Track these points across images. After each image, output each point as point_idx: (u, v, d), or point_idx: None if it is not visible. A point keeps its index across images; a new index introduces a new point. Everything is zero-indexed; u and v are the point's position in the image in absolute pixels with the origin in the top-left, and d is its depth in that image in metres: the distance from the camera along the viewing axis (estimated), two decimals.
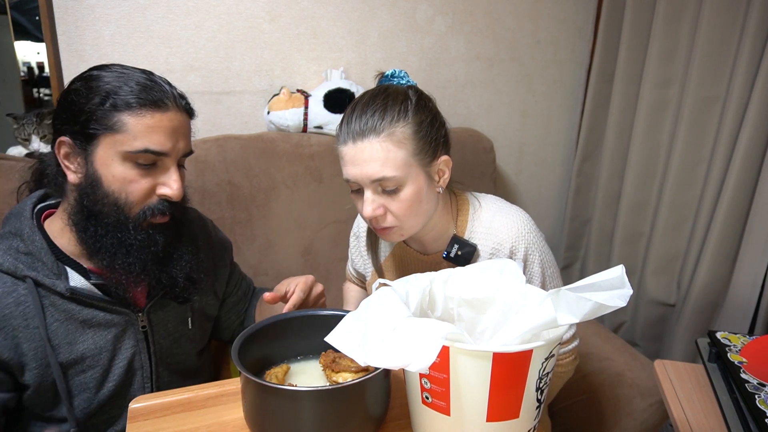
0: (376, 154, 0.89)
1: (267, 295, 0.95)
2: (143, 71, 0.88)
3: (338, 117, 1.62)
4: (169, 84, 0.90)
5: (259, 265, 1.56)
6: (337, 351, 0.73)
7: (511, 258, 1.00)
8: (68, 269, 0.89)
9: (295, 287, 0.97)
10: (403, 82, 1.00)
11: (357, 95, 1.64)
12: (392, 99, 0.92)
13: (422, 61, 1.87)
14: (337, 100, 1.63)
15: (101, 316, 0.91)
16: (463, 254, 1.00)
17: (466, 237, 1.03)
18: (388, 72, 1.00)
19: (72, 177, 0.87)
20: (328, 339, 0.68)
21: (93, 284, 0.90)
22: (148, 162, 0.85)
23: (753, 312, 1.54)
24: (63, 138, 0.86)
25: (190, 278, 0.97)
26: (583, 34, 2.06)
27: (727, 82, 1.60)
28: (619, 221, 1.94)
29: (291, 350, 0.89)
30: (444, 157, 0.97)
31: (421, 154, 0.92)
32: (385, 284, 0.77)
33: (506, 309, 0.79)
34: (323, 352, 0.86)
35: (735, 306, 1.58)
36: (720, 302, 1.64)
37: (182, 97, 0.91)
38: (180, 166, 0.91)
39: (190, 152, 0.93)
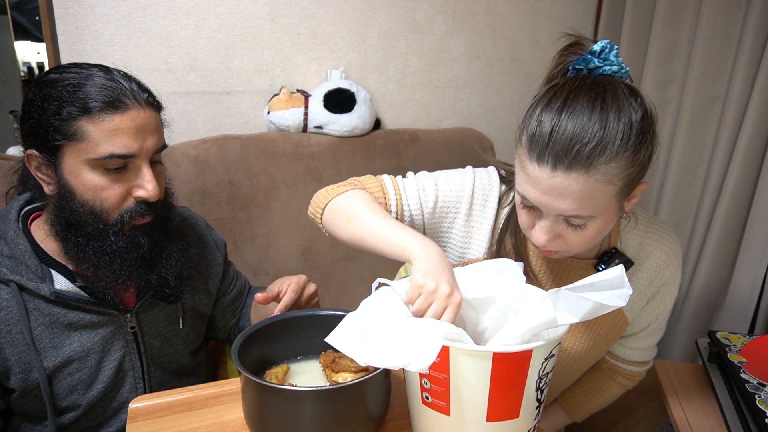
0: (578, 193, 0.72)
1: (259, 295, 0.94)
2: (100, 68, 0.84)
3: (338, 117, 1.63)
4: (128, 78, 0.85)
5: (259, 265, 1.56)
6: (337, 351, 0.73)
7: (662, 286, 0.94)
8: (53, 272, 0.88)
9: (287, 287, 0.97)
10: (615, 68, 0.77)
11: (357, 95, 1.65)
12: (614, 116, 0.71)
13: (422, 61, 1.87)
14: (337, 100, 1.63)
15: (88, 318, 0.91)
16: None
17: (619, 248, 0.92)
18: (597, 46, 0.76)
19: (46, 189, 0.86)
20: (328, 339, 0.68)
21: (79, 286, 0.89)
22: (117, 166, 0.83)
23: (753, 312, 1.54)
24: (30, 151, 0.84)
25: (181, 276, 0.96)
26: (583, 34, 2.05)
27: (727, 82, 1.60)
28: None
29: (291, 350, 0.88)
30: (643, 185, 0.80)
31: (626, 190, 0.76)
32: (385, 284, 0.77)
33: (506, 309, 0.79)
34: (323, 352, 0.86)
35: (735, 306, 1.57)
36: (720, 302, 1.64)
37: (144, 90, 0.86)
38: (155, 163, 0.89)
39: (164, 146, 0.90)
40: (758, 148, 1.51)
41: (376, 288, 0.75)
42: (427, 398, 0.70)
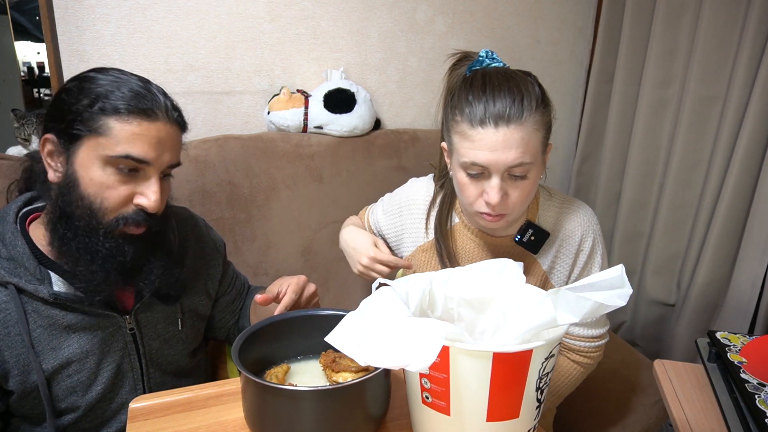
0: (520, 140, 0.88)
1: (259, 297, 0.94)
2: (141, 79, 0.87)
3: (338, 117, 1.63)
4: (165, 95, 0.88)
5: (259, 265, 1.56)
6: (337, 351, 0.73)
7: (579, 247, 1.06)
8: (52, 274, 0.88)
9: (287, 288, 0.97)
10: (501, 64, 0.98)
11: (357, 95, 1.65)
12: (523, 84, 0.91)
13: (422, 61, 1.87)
14: (337, 100, 1.63)
15: (87, 320, 0.90)
16: (537, 240, 1.04)
17: (536, 223, 1.05)
18: (482, 53, 0.97)
19: (51, 175, 0.86)
20: (328, 339, 0.68)
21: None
22: (129, 167, 0.84)
23: (753, 312, 1.54)
24: (48, 135, 0.85)
25: (158, 293, 0.95)
26: (583, 34, 2.06)
27: (727, 82, 1.60)
28: (619, 221, 1.94)
29: (291, 350, 0.89)
30: (550, 145, 0.98)
31: (545, 141, 0.94)
32: (384, 284, 0.77)
33: (506, 309, 0.79)
34: (323, 352, 0.86)
35: (735, 306, 1.57)
36: (720, 302, 1.64)
37: (176, 109, 0.89)
38: (165, 176, 0.90)
39: (178, 164, 0.91)
40: (758, 148, 1.51)
41: (376, 288, 0.75)
42: (427, 398, 0.70)
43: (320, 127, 1.65)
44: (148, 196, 0.86)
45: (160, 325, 1.00)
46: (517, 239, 1.05)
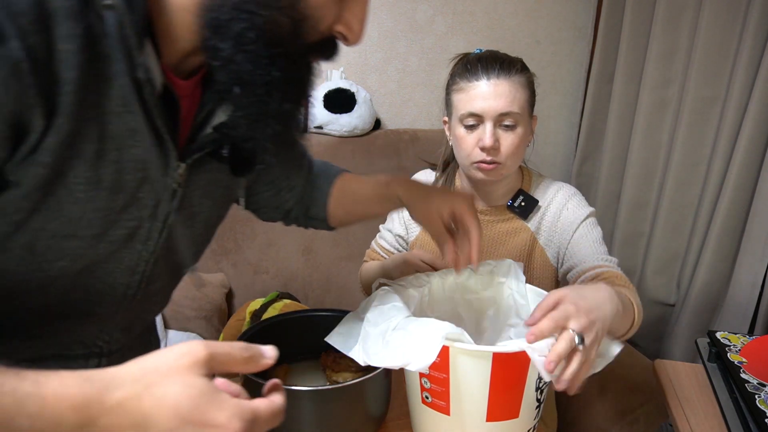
0: (508, 92, 1.04)
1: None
2: None
3: (338, 117, 1.63)
4: None
5: (259, 263, 1.56)
6: (337, 351, 0.73)
7: (567, 220, 1.14)
8: None
9: (470, 227, 0.73)
10: None
11: (357, 95, 1.66)
12: (510, 57, 1.10)
13: (422, 61, 1.87)
14: (337, 100, 1.63)
15: None
16: (527, 206, 1.16)
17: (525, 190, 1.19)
18: (477, 50, 1.17)
19: None
20: (328, 339, 0.68)
21: None
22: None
23: (753, 312, 1.54)
24: None
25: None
26: (583, 34, 2.05)
27: (727, 82, 1.60)
28: (619, 221, 1.94)
29: (291, 350, 0.88)
30: (535, 117, 1.14)
31: (529, 104, 1.10)
32: (385, 284, 0.77)
33: (506, 309, 0.79)
34: (323, 352, 0.86)
35: (735, 306, 1.57)
36: (720, 302, 1.64)
37: None
38: None
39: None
40: (758, 148, 1.51)
41: (376, 288, 0.75)
42: (427, 398, 0.70)
43: (320, 127, 1.65)
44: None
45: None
46: (509, 204, 1.16)
